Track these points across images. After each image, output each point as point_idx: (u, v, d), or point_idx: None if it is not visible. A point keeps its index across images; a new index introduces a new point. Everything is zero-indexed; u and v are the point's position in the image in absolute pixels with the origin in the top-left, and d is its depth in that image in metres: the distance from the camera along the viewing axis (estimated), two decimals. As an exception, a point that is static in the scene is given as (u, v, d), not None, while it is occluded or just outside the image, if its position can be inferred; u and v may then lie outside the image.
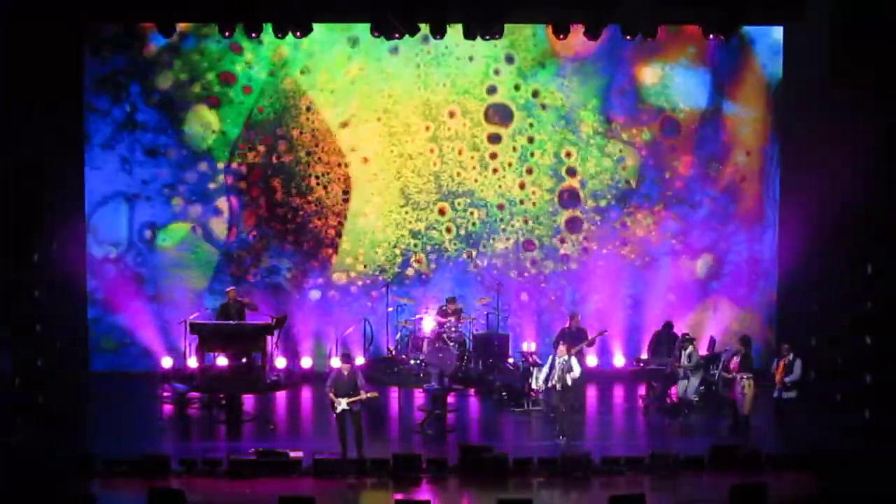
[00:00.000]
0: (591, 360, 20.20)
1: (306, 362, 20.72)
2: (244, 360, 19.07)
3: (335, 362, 19.41)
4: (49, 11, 18.14)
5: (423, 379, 18.98)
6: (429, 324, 19.72)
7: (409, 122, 20.72)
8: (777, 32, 20.46)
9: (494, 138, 20.85)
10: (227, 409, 18.06)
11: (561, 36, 18.92)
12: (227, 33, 18.54)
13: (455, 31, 18.88)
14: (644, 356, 19.49)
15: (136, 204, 20.61)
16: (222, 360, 19.26)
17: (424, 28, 18.51)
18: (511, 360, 20.11)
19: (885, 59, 17.16)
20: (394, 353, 20.42)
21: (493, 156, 20.84)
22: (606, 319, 20.59)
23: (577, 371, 17.04)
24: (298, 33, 18.53)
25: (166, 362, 20.12)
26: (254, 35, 18.71)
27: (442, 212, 20.96)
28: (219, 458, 15.45)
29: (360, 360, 19.66)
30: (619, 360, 20.91)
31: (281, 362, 20.12)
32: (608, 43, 20.10)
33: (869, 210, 17.53)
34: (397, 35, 18.37)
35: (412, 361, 19.74)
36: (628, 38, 18.79)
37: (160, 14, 18.47)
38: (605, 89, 20.73)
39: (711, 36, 19.06)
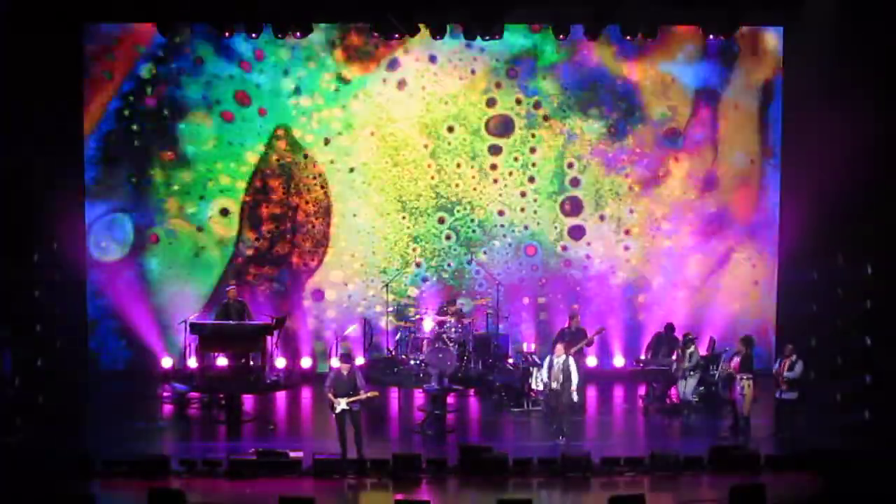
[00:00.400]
0: (591, 361, 20.21)
1: (306, 362, 20.73)
2: (244, 360, 19.03)
3: (335, 362, 19.40)
4: (49, 11, 18.14)
5: (422, 379, 18.96)
6: (428, 324, 19.73)
7: (412, 131, 20.72)
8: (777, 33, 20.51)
9: (495, 149, 20.84)
10: (227, 409, 18.04)
11: (561, 36, 18.91)
12: (227, 33, 18.53)
13: (457, 44, 18.97)
14: (643, 357, 19.48)
15: (135, 203, 20.60)
16: (222, 361, 19.26)
17: (425, 31, 18.53)
18: (511, 361, 20.11)
19: (884, 59, 17.16)
20: (394, 353, 20.41)
21: (494, 167, 20.84)
22: (606, 320, 20.61)
23: (574, 377, 16.95)
24: (298, 33, 18.53)
25: (166, 362, 20.15)
26: (253, 35, 18.69)
27: (441, 220, 20.94)
28: (219, 458, 15.44)
29: (359, 361, 19.67)
30: (618, 361, 20.91)
31: (281, 362, 20.12)
32: (609, 48, 20.19)
33: (869, 210, 17.54)
34: (397, 35, 18.38)
35: (412, 362, 19.73)
36: (628, 38, 18.80)
37: (160, 14, 18.47)
38: (607, 95, 20.69)
39: (711, 36, 19.07)
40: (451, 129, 20.72)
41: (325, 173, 20.76)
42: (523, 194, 20.90)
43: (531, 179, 20.87)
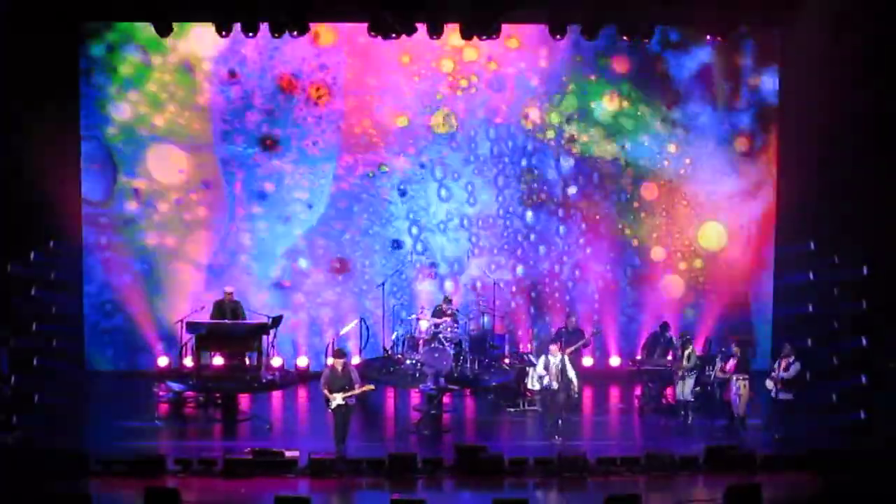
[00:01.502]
0: (588, 361, 20.22)
1: (302, 361, 20.73)
2: (240, 359, 19.02)
3: (330, 360, 19.40)
4: (49, 11, 18.16)
5: (418, 379, 18.96)
6: (425, 324, 19.72)
7: (408, 111, 20.78)
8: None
9: (496, 135, 20.85)
10: (223, 408, 18.07)
11: (557, 36, 18.88)
12: (224, 33, 18.54)
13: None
14: (639, 357, 19.48)
15: (134, 202, 20.61)
16: (218, 360, 19.25)
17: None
18: (507, 361, 20.11)
19: (883, 59, 17.17)
20: (390, 353, 20.40)
21: (493, 154, 20.84)
22: (604, 319, 20.64)
23: (571, 373, 17.03)
24: (296, 32, 18.54)
25: (162, 361, 20.15)
26: (251, 35, 18.70)
27: (439, 217, 21.01)
28: (215, 457, 15.46)
29: (356, 360, 19.67)
30: (615, 361, 20.92)
31: (277, 361, 20.11)
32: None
33: (866, 210, 17.55)
34: (394, 35, 18.37)
35: (408, 362, 19.72)
36: (625, 38, 18.78)
37: (159, 14, 18.47)
38: (611, 80, 20.72)
39: (709, 37, 19.07)
40: (450, 109, 20.73)
41: (320, 164, 20.82)
42: (520, 179, 20.88)
43: (530, 170, 20.85)
